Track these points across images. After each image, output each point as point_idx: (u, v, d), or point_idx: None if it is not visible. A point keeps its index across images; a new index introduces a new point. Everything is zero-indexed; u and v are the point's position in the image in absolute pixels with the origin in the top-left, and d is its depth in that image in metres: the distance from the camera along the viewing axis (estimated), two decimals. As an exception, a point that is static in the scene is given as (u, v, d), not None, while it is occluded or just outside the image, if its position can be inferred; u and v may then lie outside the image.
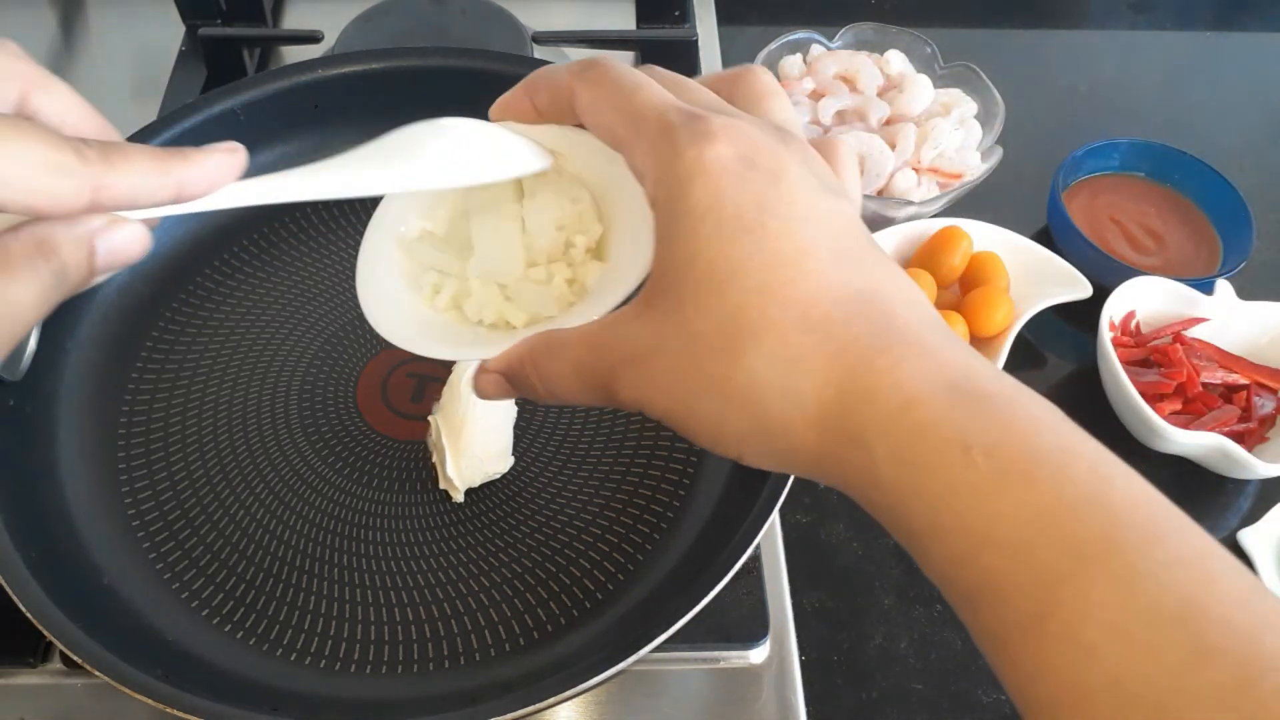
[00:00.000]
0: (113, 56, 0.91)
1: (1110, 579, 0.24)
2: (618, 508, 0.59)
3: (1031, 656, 0.26)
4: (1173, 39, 1.00)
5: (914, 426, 0.27)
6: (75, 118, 0.32)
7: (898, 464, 0.28)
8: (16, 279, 0.29)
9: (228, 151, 0.33)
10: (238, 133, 0.69)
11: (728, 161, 0.29)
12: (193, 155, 0.32)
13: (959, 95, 0.80)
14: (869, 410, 0.28)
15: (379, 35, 0.85)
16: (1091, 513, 0.25)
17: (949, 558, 0.28)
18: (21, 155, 0.27)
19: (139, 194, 0.30)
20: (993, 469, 0.26)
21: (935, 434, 0.27)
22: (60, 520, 0.56)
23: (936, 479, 0.27)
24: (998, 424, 0.27)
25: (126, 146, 0.30)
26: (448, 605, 0.55)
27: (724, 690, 0.55)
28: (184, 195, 0.32)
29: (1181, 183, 0.80)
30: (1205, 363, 0.68)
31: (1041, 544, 0.25)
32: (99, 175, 0.28)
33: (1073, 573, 0.25)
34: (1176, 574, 0.24)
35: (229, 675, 0.52)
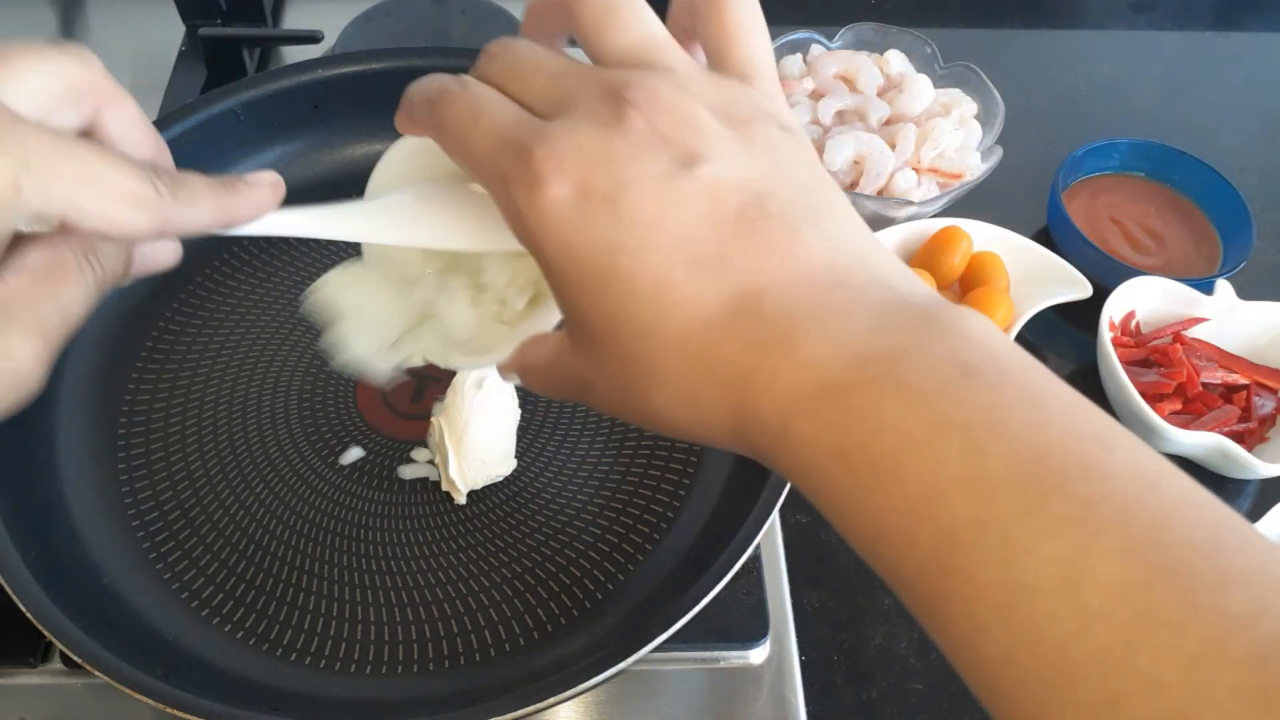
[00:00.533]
0: (113, 56, 0.90)
1: (990, 561, 0.24)
2: (618, 508, 0.59)
3: (941, 638, 0.26)
4: (1173, 39, 1.00)
5: (798, 441, 0.28)
6: (139, 136, 0.34)
7: (798, 476, 0.28)
8: (70, 284, 0.30)
9: (271, 185, 0.35)
10: (238, 133, 0.69)
11: (562, 207, 0.28)
12: (241, 187, 0.34)
13: (959, 95, 0.80)
14: (763, 435, 0.29)
15: (379, 35, 0.85)
16: (964, 495, 0.25)
17: (861, 551, 0.28)
18: (105, 185, 0.28)
19: (197, 225, 0.32)
20: (868, 465, 0.26)
21: (815, 445, 0.27)
22: (60, 520, 0.56)
23: (828, 485, 0.27)
24: (868, 417, 0.26)
25: (190, 180, 0.31)
26: (448, 605, 0.55)
27: (724, 690, 0.55)
28: (231, 223, 0.34)
29: (1181, 183, 0.80)
30: (1205, 363, 0.68)
31: (922, 534, 0.25)
32: (169, 208, 0.30)
33: (953, 562, 0.25)
34: (1055, 541, 0.23)
35: (229, 675, 0.52)
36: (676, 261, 0.28)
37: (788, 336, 0.27)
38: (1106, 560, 0.23)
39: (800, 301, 0.28)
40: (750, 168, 0.29)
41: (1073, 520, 0.24)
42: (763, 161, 0.29)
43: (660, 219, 0.28)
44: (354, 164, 0.72)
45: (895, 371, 0.26)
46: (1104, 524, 0.23)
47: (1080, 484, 0.24)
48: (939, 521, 0.25)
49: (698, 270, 0.28)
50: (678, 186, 0.28)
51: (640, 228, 0.28)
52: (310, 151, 0.72)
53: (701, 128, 0.29)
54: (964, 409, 0.25)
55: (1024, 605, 0.23)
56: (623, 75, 0.29)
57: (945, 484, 0.25)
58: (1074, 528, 0.23)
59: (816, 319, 0.28)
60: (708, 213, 0.28)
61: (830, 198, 0.30)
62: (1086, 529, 0.23)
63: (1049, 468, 0.24)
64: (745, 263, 0.28)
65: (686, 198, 0.28)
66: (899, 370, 0.26)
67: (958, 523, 0.25)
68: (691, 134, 0.29)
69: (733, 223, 0.28)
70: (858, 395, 0.26)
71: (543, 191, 0.28)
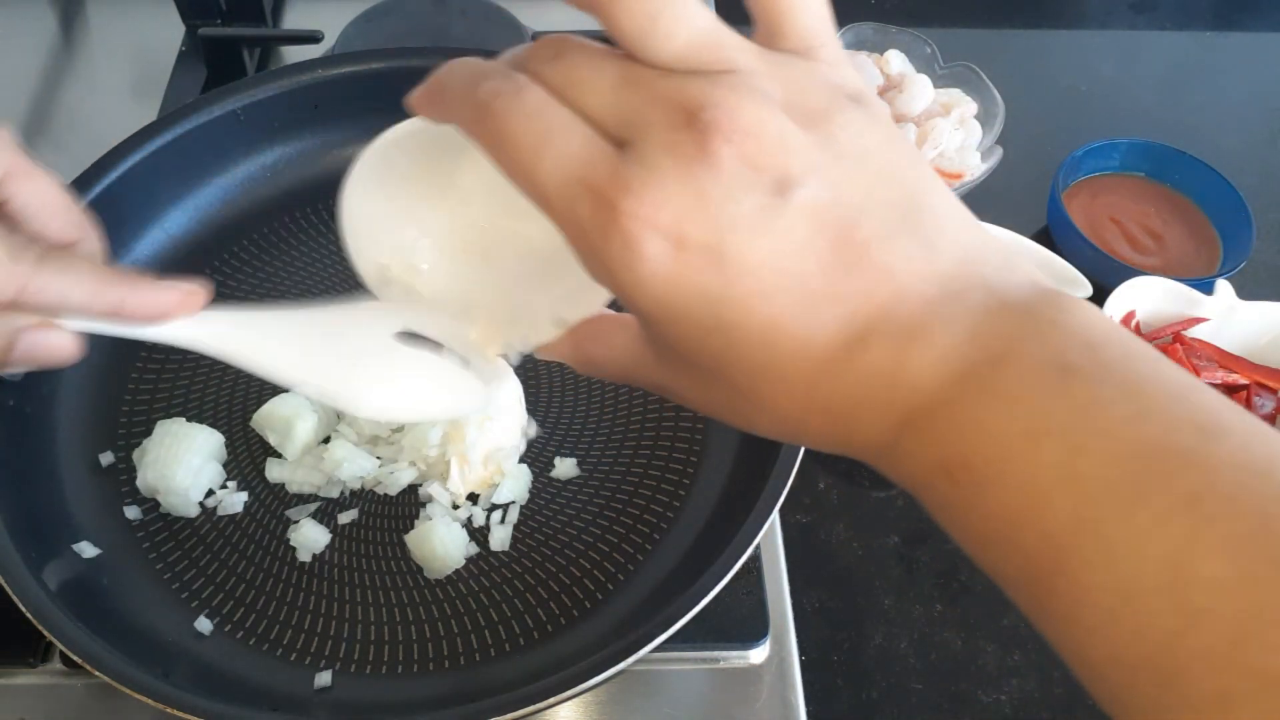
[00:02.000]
0: (113, 56, 0.91)
1: (1091, 563, 0.24)
2: (618, 508, 0.59)
3: (1052, 639, 0.26)
4: (1173, 39, 1.00)
5: (903, 457, 0.28)
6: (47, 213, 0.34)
7: (907, 486, 0.29)
8: None
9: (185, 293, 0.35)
10: (238, 133, 0.69)
11: (658, 264, 0.26)
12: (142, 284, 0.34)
13: (959, 95, 0.80)
14: (869, 452, 0.29)
15: (379, 35, 0.85)
16: (1063, 497, 0.25)
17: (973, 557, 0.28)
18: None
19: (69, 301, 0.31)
20: (970, 477, 0.26)
21: (919, 461, 0.28)
22: (60, 520, 0.56)
23: (935, 496, 0.28)
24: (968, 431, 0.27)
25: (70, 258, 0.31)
26: (448, 605, 0.55)
27: (724, 690, 0.55)
28: (122, 316, 0.34)
29: (1181, 183, 0.80)
30: (1205, 363, 0.68)
31: (1024, 539, 0.26)
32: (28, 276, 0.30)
33: (1056, 565, 0.25)
34: (1157, 539, 0.23)
35: (229, 675, 0.52)
36: (783, 304, 0.27)
37: (895, 364, 0.27)
38: (1211, 556, 0.23)
39: (906, 324, 0.27)
40: (842, 178, 0.27)
41: (1174, 516, 0.23)
42: (851, 164, 0.27)
43: (764, 262, 0.26)
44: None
45: (993, 381, 0.26)
46: (1208, 518, 0.23)
47: (1182, 478, 0.24)
48: (1040, 525, 0.25)
49: (805, 310, 0.27)
50: (776, 222, 0.26)
51: (746, 275, 0.27)
52: (310, 152, 0.72)
53: (788, 144, 0.27)
54: (1061, 412, 0.25)
55: (1128, 605, 0.23)
56: (693, 91, 0.27)
57: (1044, 488, 0.25)
58: (1176, 524, 0.23)
59: (922, 338, 0.27)
60: (808, 244, 0.27)
61: (921, 184, 0.29)
62: (1189, 524, 0.23)
63: (1149, 463, 0.24)
64: (850, 295, 0.27)
65: (787, 233, 0.26)
66: (997, 380, 0.26)
67: (1058, 526, 0.25)
68: (780, 154, 0.26)
69: (833, 252, 0.27)
70: (958, 411, 0.27)
71: (635, 252, 0.26)
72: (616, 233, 0.26)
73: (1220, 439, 0.24)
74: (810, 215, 0.27)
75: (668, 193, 0.26)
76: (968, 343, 0.27)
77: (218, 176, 0.70)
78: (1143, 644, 0.23)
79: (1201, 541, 0.23)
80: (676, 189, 0.26)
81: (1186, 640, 0.23)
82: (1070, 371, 0.26)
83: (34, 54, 0.90)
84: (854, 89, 0.29)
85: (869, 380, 0.27)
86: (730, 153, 0.26)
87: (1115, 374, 0.26)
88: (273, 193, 0.71)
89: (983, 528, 0.27)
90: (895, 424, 0.28)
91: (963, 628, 0.60)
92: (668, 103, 0.27)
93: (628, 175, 0.26)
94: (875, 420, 0.28)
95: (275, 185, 0.71)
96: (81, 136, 0.82)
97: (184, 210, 0.69)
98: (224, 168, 0.70)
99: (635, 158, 0.27)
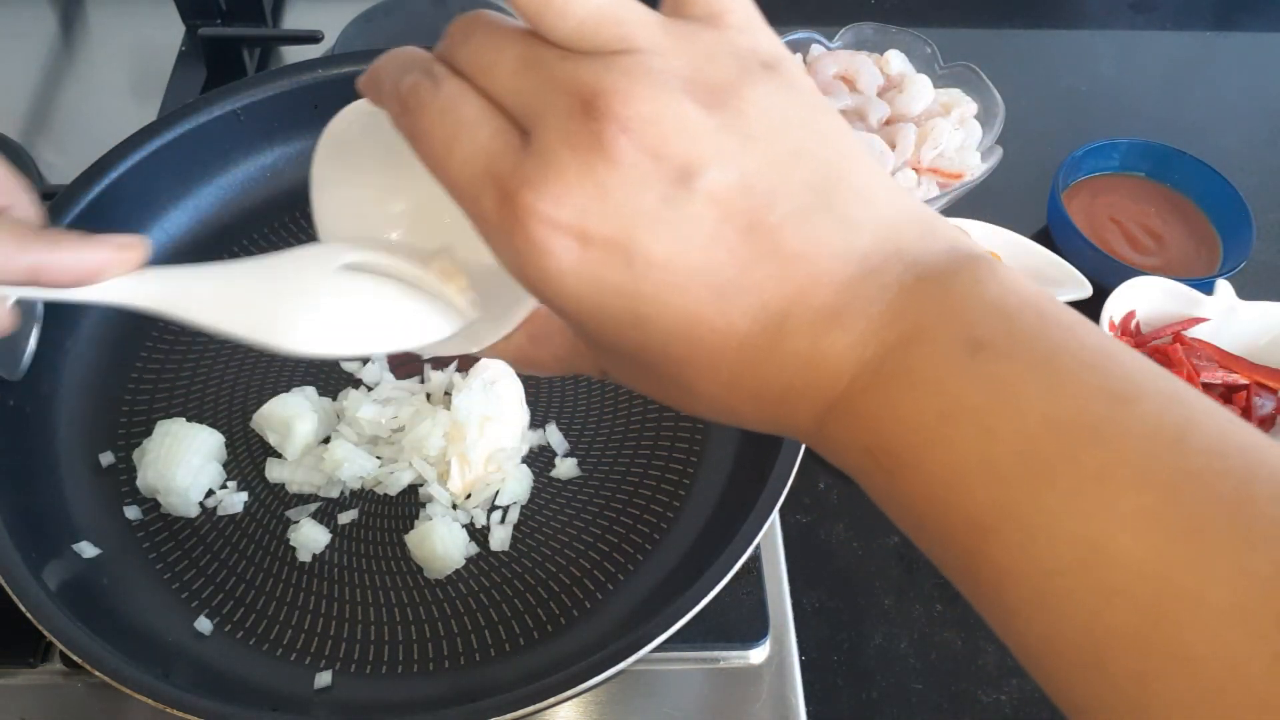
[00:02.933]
0: (113, 56, 0.91)
1: (1011, 545, 0.24)
2: (618, 508, 0.59)
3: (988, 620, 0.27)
4: (1173, 39, 1.00)
5: (832, 443, 0.28)
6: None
7: (844, 469, 0.29)
8: None
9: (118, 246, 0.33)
10: (237, 133, 0.69)
11: (565, 263, 0.26)
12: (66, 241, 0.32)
13: (959, 95, 0.80)
14: (802, 435, 0.29)
15: (379, 35, 0.85)
16: (981, 480, 0.24)
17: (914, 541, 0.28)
18: None
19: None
20: (893, 461, 0.26)
21: (847, 446, 0.28)
22: (60, 520, 0.56)
23: (867, 481, 0.28)
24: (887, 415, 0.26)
25: None
26: (448, 605, 0.55)
27: (724, 690, 0.55)
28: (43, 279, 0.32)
29: (1181, 183, 0.80)
30: (1205, 363, 0.68)
31: (951, 523, 0.26)
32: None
33: (980, 549, 0.25)
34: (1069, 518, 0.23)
35: (229, 675, 0.52)
36: (697, 296, 0.26)
37: (814, 349, 0.27)
38: (1122, 533, 0.22)
39: (819, 310, 0.27)
40: (750, 161, 0.26)
41: (1084, 492, 0.23)
42: (761, 144, 0.26)
43: (672, 254, 0.26)
44: (354, 164, 0.72)
45: (907, 365, 0.26)
46: (1117, 492, 0.23)
47: (1091, 450, 0.23)
48: (963, 509, 0.25)
49: (719, 301, 0.27)
50: (682, 211, 0.26)
51: (654, 269, 0.26)
52: (310, 152, 0.71)
53: (689, 130, 0.26)
54: (973, 391, 0.25)
55: (1048, 586, 0.23)
56: (588, 76, 0.26)
57: (963, 472, 0.25)
58: (1086, 500, 0.23)
59: (838, 323, 0.27)
60: (717, 233, 0.26)
61: (840, 156, 0.28)
62: (1099, 500, 0.23)
63: (1059, 438, 0.24)
64: (764, 283, 0.26)
65: (693, 222, 0.26)
66: (910, 362, 0.26)
67: (979, 510, 0.25)
68: (681, 141, 0.25)
69: (744, 240, 0.26)
70: (875, 396, 0.26)
71: (540, 248, 0.26)
72: (520, 229, 0.26)
73: (1132, 404, 0.24)
74: (716, 203, 0.26)
75: (567, 187, 0.25)
76: (882, 324, 0.26)
77: (218, 176, 0.70)
78: (1066, 625, 0.23)
79: (1112, 518, 0.23)
80: (576, 182, 0.25)
81: (1104, 620, 0.22)
82: (982, 347, 0.25)
83: (34, 54, 0.90)
84: (767, 54, 0.28)
85: (791, 366, 0.27)
86: (627, 143, 0.25)
87: (1027, 346, 0.25)
88: (273, 193, 0.71)
89: (913, 513, 0.27)
90: (820, 409, 0.28)
91: (963, 628, 0.60)
92: (563, 89, 0.26)
93: (528, 169, 0.26)
94: (802, 405, 0.28)
95: (275, 185, 0.71)
96: (81, 136, 0.81)
97: (184, 210, 0.69)
98: (224, 168, 0.70)
99: (535, 149, 0.26)
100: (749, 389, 0.28)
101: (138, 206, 0.66)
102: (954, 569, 0.26)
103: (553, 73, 0.26)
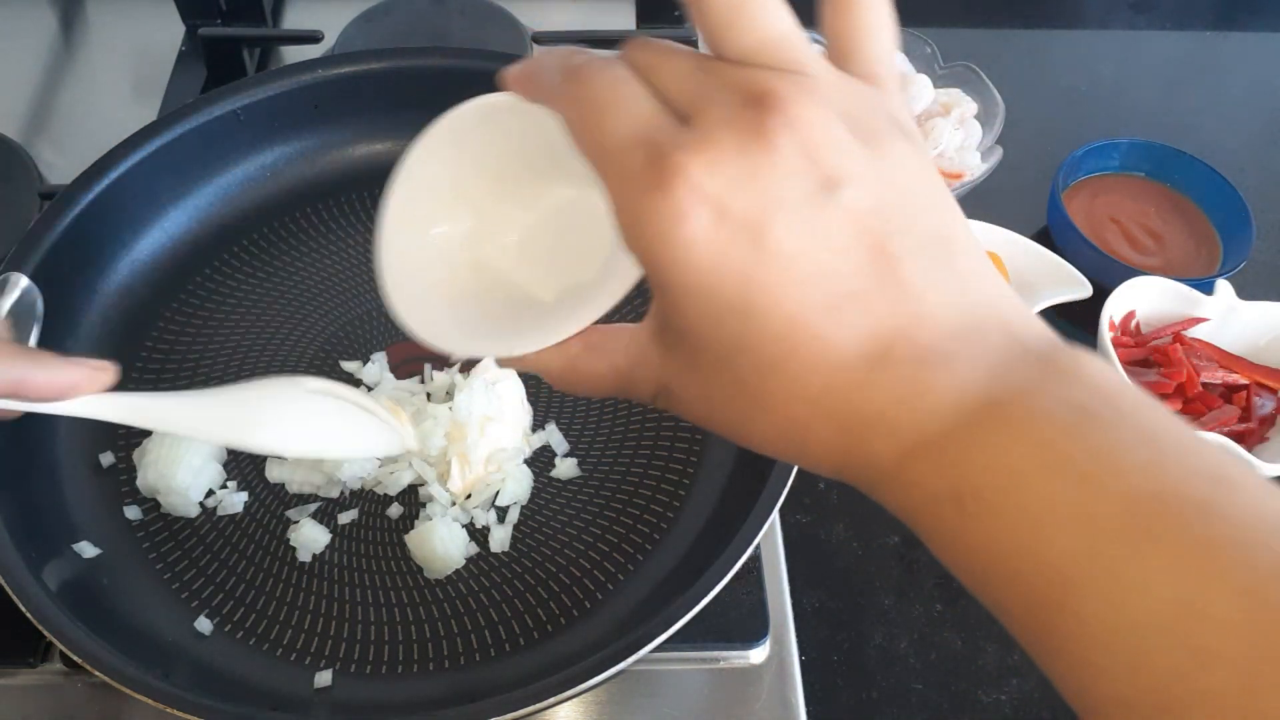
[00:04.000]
0: (113, 56, 0.91)
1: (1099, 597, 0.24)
2: (618, 508, 0.59)
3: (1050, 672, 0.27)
4: (1173, 39, 1.00)
5: (911, 484, 0.28)
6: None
7: (907, 514, 0.29)
8: None
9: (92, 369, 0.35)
10: (238, 133, 0.69)
11: (695, 227, 0.26)
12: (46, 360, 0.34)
13: (959, 95, 0.80)
14: (872, 473, 0.29)
15: (379, 35, 0.85)
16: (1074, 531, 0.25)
17: (972, 588, 0.28)
18: None
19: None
20: (979, 505, 0.26)
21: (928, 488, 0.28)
22: (60, 520, 0.56)
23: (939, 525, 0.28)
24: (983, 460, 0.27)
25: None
26: (448, 605, 0.55)
27: (724, 690, 0.55)
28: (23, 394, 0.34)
29: (1181, 183, 0.80)
30: (1205, 363, 0.68)
31: (1029, 569, 0.26)
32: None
33: (1060, 599, 0.25)
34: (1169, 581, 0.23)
35: (229, 675, 0.52)
36: (813, 300, 0.27)
37: (913, 387, 0.27)
38: (1224, 600, 0.23)
39: (928, 348, 0.27)
40: (887, 192, 0.27)
41: (1189, 560, 0.23)
42: (897, 184, 0.28)
43: (802, 253, 0.26)
44: (354, 164, 0.72)
45: (1012, 416, 0.26)
46: (1224, 565, 0.23)
47: (1198, 524, 0.24)
48: (1047, 557, 0.25)
49: (832, 311, 0.27)
50: (821, 216, 0.26)
51: (781, 261, 0.26)
52: (310, 152, 0.72)
53: (843, 146, 0.27)
54: (1078, 450, 0.25)
55: (1133, 642, 0.23)
56: (762, 78, 0.27)
57: (1055, 521, 0.25)
58: (1191, 568, 0.23)
59: (943, 366, 0.27)
60: (847, 246, 0.27)
61: (955, 224, 0.29)
62: (1204, 570, 0.23)
63: (1165, 507, 0.24)
64: (880, 306, 0.27)
65: (829, 229, 0.26)
66: (1016, 414, 0.26)
67: (1066, 560, 0.25)
68: (835, 153, 0.27)
69: (870, 260, 0.27)
70: (974, 440, 0.27)
71: (677, 211, 0.26)
72: (662, 190, 0.26)
73: (1236, 490, 0.25)
74: (854, 219, 0.27)
75: (722, 161, 0.26)
76: (987, 376, 0.27)
77: (218, 176, 0.70)
78: (1145, 680, 0.23)
79: (1215, 586, 0.23)
80: (730, 159, 0.26)
81: (1194, 680, 0.23)
82: (1088, 414, 0.26)
83: (34, 54, 0.90)
84: (906, 123, 0.29)
85: (884, 397, 0.27)
86: (788, 137, 0.26)
87: (1131, 421, 0.26)
88: (273, 193, 0.71)
89: (987, 558, 0.27)
90: (904, 447, 0.27)
91: (963, 628, 0.60)
92: (736, 85, 0.27)
93: (686, 138, 0.27)
94: (883, 440, 0.28)
95: (275, 185, 0.71)
96: (81, 136, 0.81)
97: (184, 210, 0.69)
98: (224, 168, 0.70)
99: (697, 126, 0.27)
100: (832, 410, 0.28)
101: (138, 206, 0.66)
102: (1022, 619, 0.26)
103: (726, 75, 0.28)
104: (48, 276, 0.59)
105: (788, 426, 0.29)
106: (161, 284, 0.67)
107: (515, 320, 0.36)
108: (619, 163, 0.27)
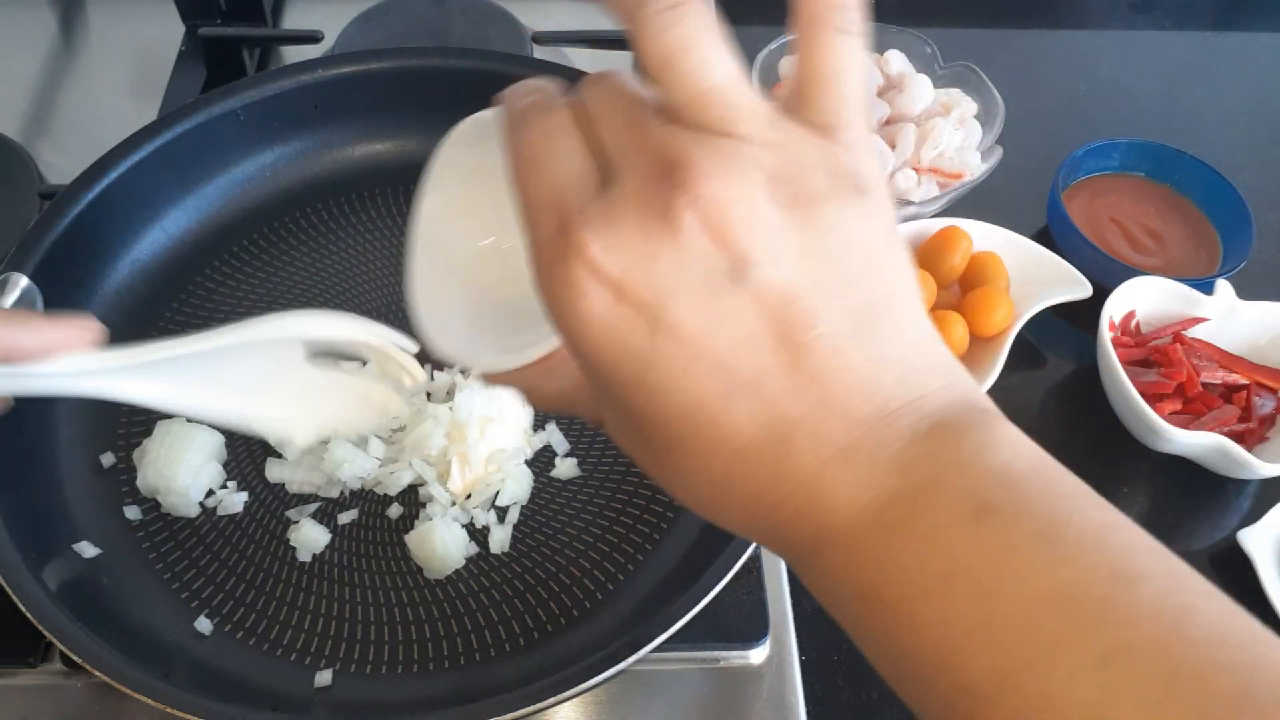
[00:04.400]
0: (113, 56, 0.91)
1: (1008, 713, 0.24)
2: (618, 508, 0.59)
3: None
4: (1173, 39, 1.00)
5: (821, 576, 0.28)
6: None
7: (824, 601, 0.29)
8: None
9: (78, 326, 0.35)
10: (237, 133, 0.69)
11: (594, 306, 0.26)
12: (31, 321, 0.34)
13: (959, 95, 0.80)
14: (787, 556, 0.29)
15: (379, 35, 0.85)
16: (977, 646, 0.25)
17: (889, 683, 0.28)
18: None
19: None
20: (884, 611, 0.27)
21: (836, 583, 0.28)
22: (60, 520, 0.56)
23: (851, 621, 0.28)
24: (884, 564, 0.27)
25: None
26: (448, 605, 0.55)
27: (724, 690, 0.55)
28: (14, 356, 0.34)
29: (1181, 183, 0.80)
30: (1205, 363, 0.68)
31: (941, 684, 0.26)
32: None
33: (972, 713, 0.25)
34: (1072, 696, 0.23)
35: (229, 675, 0.52)
36: (709, 384, 0.26)
37: (814, 480, 0.27)
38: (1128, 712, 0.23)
39: (829, 440, 0.27)
40: (805, 272, 0.26)
41: (1088, 672, 0.23)
42: (820, 259, 0.26)
43: (699, 339, 0.26)
44: (354, 164, 0.72)
45: (910, 517, 0.26)
46: (1121, 679, 0.23)
47: (1096, 631, 0.24)
48: (955, 673, 0.25)
49: (729, 398, 0.26)
50: (721, 302, 0.26)
51: (677, 345, 0.26)
52: (310, 152, 0.72)
53: (754, 225, 0.25)
54: (975, 555, 0.25)
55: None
56: (678, 145, 0.26)
57: (958, 636, 0.25)
58: (1089, 681, 0.23)
59: (844, 460, 0.27)
60: (750, 334, 0.26)
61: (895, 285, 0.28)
62: (1102, 685, 0.23)
63: (1061, 614, 0.24)
64: (782, 395, 0.26)
65: (729, 315, 0.26)
66: (914, 516, 0.26)
67: (974, 676, 0.25)
68: (745, 234, 0.25)
69: (775, 348, 0.26)
70: (877, 542, 0.26)
71: (576, 288, 0.26)
72: (564, 262, 0.26)
73: (1134, 586, 0.24)
74: (758, 304, 0.26)
75: (621, 240, 0.26)
76: (889, 471, 0.27)
77: (218, 176, 0.70)
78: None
79: (1114, 704, 0.23)
80: (630, 239, 0.26)
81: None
82: (988, 511, 0.25)
83: (34, 54, 0.90)
84: (864, 179, 0.27)
85: (790, 485, 0.27)
86: (691, 218, 0.25)
87: (1033, 514, 0.25)
88: (273, 193, 0.71)
89: (898, 665, 0.27)
90: (816, 536, 0.27)
91: (963, 628, 0.60)
92: (654, 150, 0.26)
93: (592, 211, 0.26)
94: (797, 526, 0.28)
95: (275, 185, 0.71)
96: (81, 136, 0.81)
97: (184, 210, 0.69)
98: (224, 168, 0.70)
99: (606, 198, 0.26)
100: (741, 493, 0.28)
101: (138, 206, 0.66)
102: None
103: (649, 135, 0.27)
104: (48, 276, 0.59)
105: (703, 502, 0.29)
106: (161, 284, 0.67)
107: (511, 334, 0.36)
108: (536, 222, 0.28)
